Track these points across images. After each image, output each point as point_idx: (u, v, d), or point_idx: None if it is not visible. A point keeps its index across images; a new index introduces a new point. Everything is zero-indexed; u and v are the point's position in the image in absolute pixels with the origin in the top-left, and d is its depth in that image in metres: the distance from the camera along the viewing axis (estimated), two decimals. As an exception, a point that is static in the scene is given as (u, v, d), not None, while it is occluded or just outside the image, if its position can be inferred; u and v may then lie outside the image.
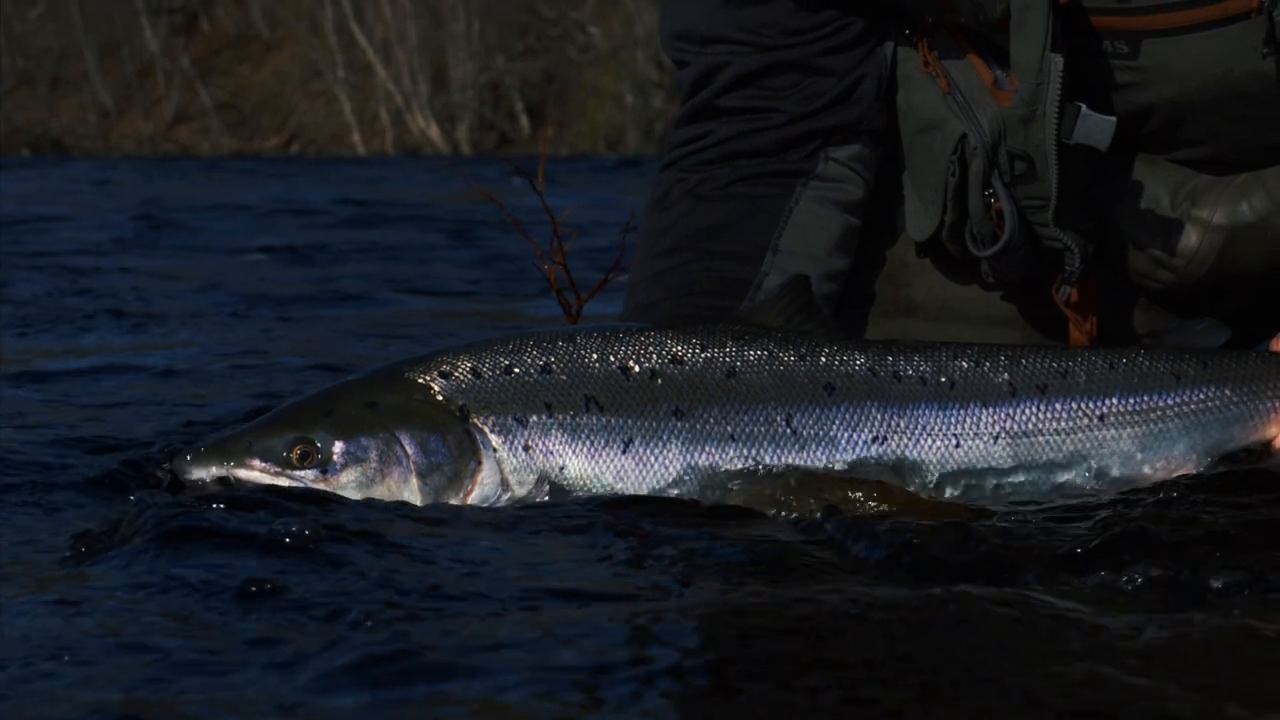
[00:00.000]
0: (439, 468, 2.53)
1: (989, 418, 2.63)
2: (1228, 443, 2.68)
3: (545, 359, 2.58)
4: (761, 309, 2.67)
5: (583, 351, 2.59)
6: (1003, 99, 2.84)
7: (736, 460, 2.56)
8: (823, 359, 2.61)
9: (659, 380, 2.58)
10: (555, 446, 2.55)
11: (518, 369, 2.58)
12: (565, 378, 2.57)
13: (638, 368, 2.59)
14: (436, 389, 2.57)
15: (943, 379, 2.63)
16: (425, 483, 2.51)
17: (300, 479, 2.51)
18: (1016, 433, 2.63)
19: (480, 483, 2.53)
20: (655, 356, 2.59)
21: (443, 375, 2.57)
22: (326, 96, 36.87)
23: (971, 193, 2.90)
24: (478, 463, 2.54)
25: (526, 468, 2.55)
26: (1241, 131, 2.89)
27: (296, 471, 2.51)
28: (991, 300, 3.06)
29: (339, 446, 2.52)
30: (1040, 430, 2.63)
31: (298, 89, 37.04)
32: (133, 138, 37.45)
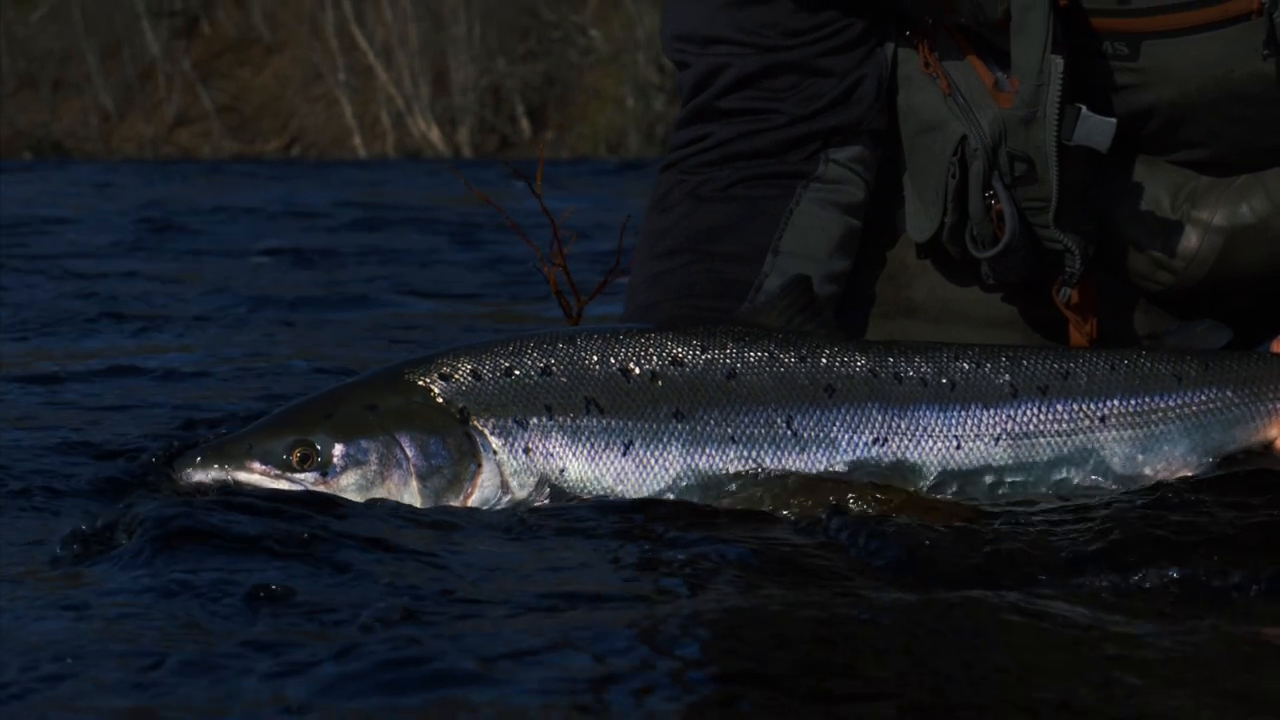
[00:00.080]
0: (439, 470, 2.52)
1: (990, 419, 2.62)
2: (1229, 444, 2.68)
3: (545, 361, 2.58)
4: (762, 310, 2.67)
5: (583, 353, 2.58)
6: (1003, 100, 2.84)
7: (737, 462, 2.56)
8: (823, 360, 2.61)
9: (659, 382, 2.58)
10: (556, 449, 2.55)
11: (518, 371, 2.57)
12: (565, 380, 2.57)
13: (638, 369, 2.58)
14: (436, 391, 2.56)
15: (944, 380, 2.63)
16: (425, 485, 2.51)
17: (300, 481, 2.51)
18: (1017, 434, 2.63)
19: (480, 485, 2.53)
20: (656, 358, 2.59)
21: (443, 377, 2.57)
22: (327, 99, 36.85)
23: (972, 194, 2.89)
24: (478, 465, 2.53)
25: (527, 470, 2.54)
26: (1242, 133, 2.89)
27: (296, 474, 2.51)
28: (992, 302, 3.05)
29: (339, 449, 2.52)
30: (1041, 432, 2.63)
31: (299, 92, 37.03)
32: (134, 140, 37.44)
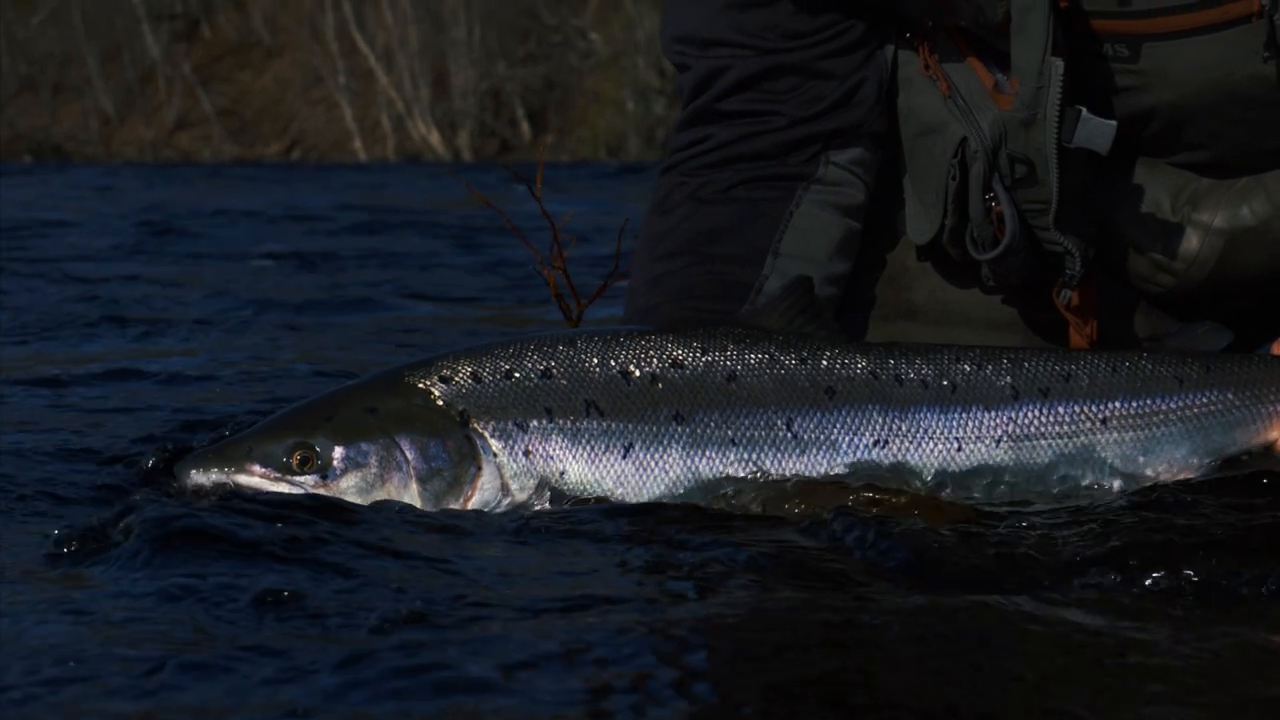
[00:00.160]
0: (439, 473, 2.52)
1: (991, 421, 2.62)
2: (1230, 446, 2.68)
3: (545, 363, 2.58)
4: (763, 311, 2.66)
5: (583, 356, 2.58)
6: (1003, 102, 2.84)
7: (737, 464, 2.56)
8: (824, 362, 2.61)
9: (660, 384, 2.58)
10: (556, 451, 2.55)
11: (518, 373, 2.57)
12: (566, 382, 2.57)
13: (638, 372, 2.58)
14: (437, 394, 2.56)
15: (945, 382, 2.62)
16: (425, 488, 2.51)
17: (300, 484, 2.50)
18: (1019, 436, 2.62)
19: (480, 488, 2.53)
20: (656, 360, 2.58)
21: (443, 380, 2.57)
22: (328, 103, 36.84)
23: (972, 196, 2.89)
24: (478, 468, 2.53)
25: (527, 473, 2.54)
26: (1242, 135, 2.89)
27: (297, 477, 2.51)
28: (992, 304, 3.05)
29: (339, 452, 2.51)
30: (1042, 434, 2.63)
31: (299, 95, 37.02)
32: (134, 144, 37.43)
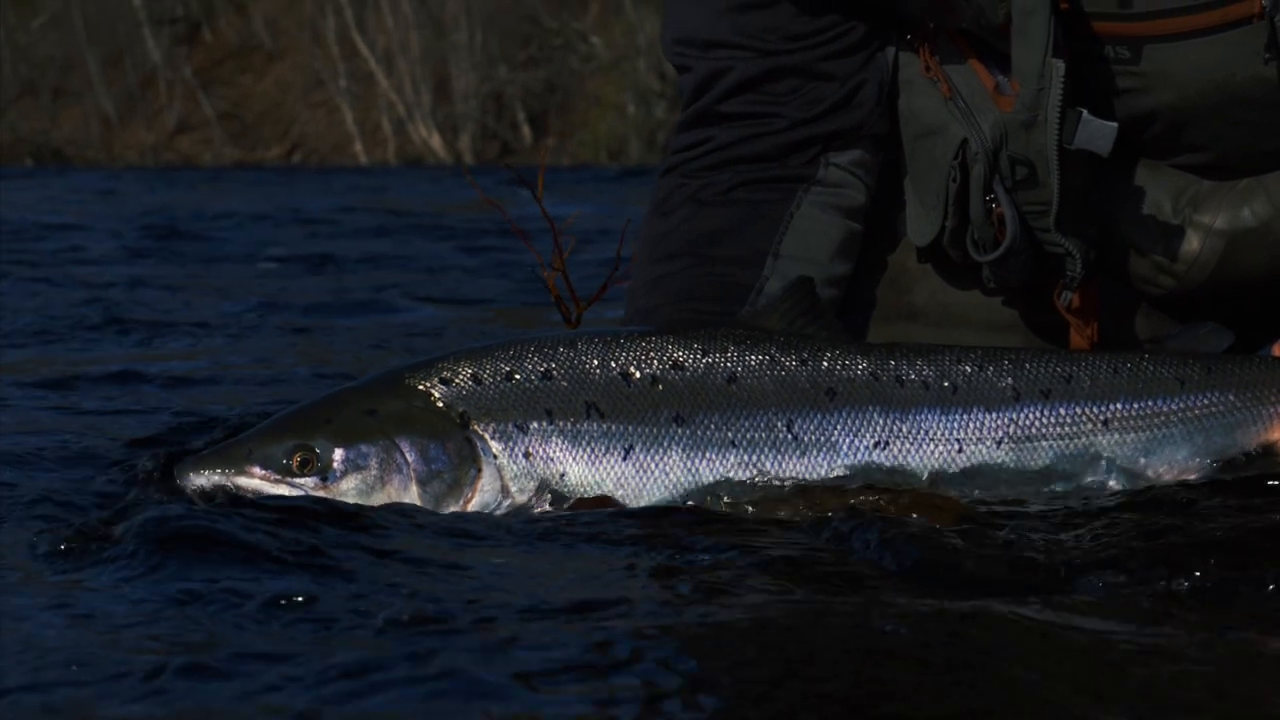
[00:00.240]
0: (439, 475, 2.52)
1: (992, 422, 2.62)
2: (1231, 447, 2.68)
3: (546, 365, 2.57)
4: (764, 313, 2.66)
5: (583, 357, 2.58)
6: (1004, 104, 2.84)
7: (738, 466, 2.56)
8: (824, 364, 2.60)
9: (660, 386, 2.57)
10: (556, 453, 2.55)
11: (518, 375, 2.57)
12: (566, 384, 2.56)
13: (638, 373, 2.58)
14: (437, 396, 2.56)
15: (946, 384, 2.62)
16: (425, 490, 2.51)
17: (300, 486, 2.50)
18: (1020, 438, 2.62)
19: (480, 490, 2.53)
20: (656, 362, 2.58)
21: (443, 382, 2.57)
22: (329, 106, 36.87)
23: (973, 198, 2.89)
24: (478, 470, 2.53)
25: (527, 474, 2.54)
26: (1243, 136, 2.89)
27: (296, 479, 2.51)
28: (993, 305, 3.05)
29: (339, 454, 2.51)
30: (1044, 435, 2.63)
31: (300, 99, 37.04)
32: (135, 148, 37.45)
